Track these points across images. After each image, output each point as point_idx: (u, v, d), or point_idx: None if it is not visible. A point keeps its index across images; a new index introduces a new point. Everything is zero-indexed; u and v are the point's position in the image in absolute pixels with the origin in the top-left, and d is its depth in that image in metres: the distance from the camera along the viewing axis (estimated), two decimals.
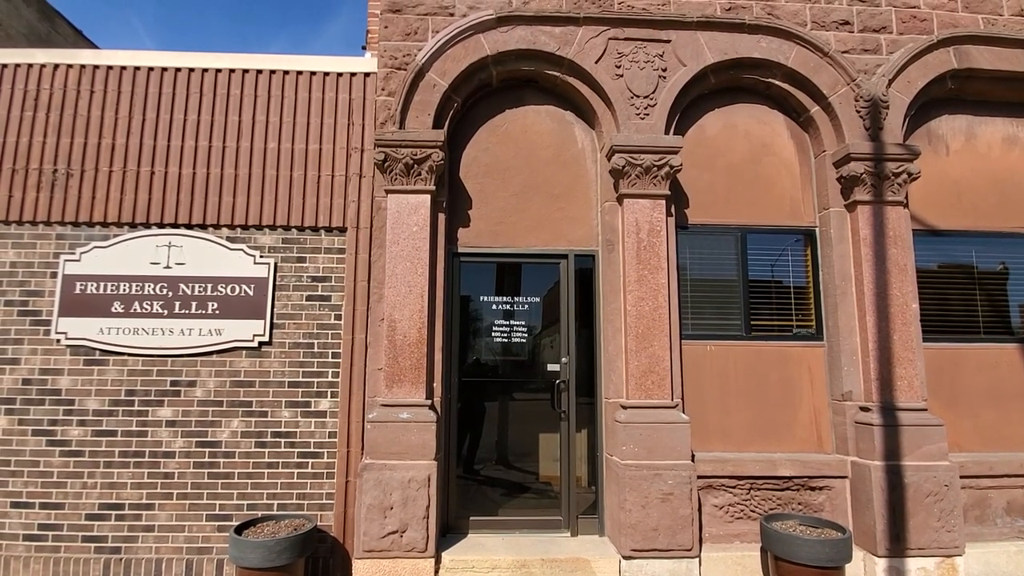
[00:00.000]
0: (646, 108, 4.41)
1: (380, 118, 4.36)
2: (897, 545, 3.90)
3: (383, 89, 4.39)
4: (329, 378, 4.26)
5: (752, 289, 4.59)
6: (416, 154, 4.18)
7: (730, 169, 4.68)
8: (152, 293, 4.26)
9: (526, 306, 4.61)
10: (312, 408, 4.23)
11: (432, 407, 4.08)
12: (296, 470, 4.16)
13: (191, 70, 4.53)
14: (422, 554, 3.81)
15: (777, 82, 4.61)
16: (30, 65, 4.50)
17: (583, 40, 4.45)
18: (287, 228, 4.41)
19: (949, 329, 4.62)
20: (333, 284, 4.37)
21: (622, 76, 4.43)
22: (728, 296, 4.58)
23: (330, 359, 4.28)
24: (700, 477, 4.11)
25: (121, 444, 4.12)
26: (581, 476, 4.44)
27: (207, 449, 4.15)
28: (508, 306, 4.61)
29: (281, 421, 4.21)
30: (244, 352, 4.26)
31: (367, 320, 4.28)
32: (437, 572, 3.85)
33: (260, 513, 4.04)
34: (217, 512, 4.09)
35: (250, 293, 4.29)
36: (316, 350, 4.29)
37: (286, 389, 4.24)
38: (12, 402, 4.13)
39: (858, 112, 4.47)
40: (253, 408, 4.21)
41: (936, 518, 3.92)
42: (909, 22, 4.66)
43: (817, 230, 4.66)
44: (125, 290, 4.25)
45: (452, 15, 4.47)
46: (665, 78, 4.45)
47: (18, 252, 4.28)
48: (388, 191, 4.27)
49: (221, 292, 4.29)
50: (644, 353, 4.14)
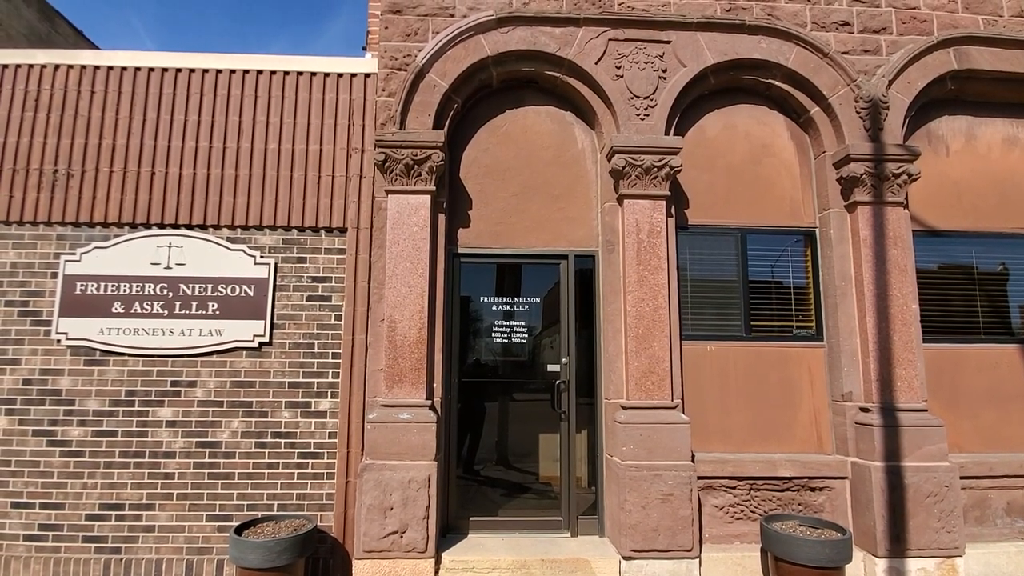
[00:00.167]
0: (646, 109, 4.41)
1: (380, 119, 4.36)
2: (897, 546, 3.90)
3: (383, 90, 4.40)
4: (329, 378, 4.27)
5: (752, 290, 4.59)
6: (416, 155, 4.18)
7: (730, 170, 4.68)
8: (152, 293, 4.26)
9: (526, 307, 4.61)
10: (312, 408, 4.23)
11: (432, 407, 4.08)
12: (296, 470, 4.17)
13: (191, 71, 4.54)
14: (422, 554, 3.81)
15: (777, 83, 4.62)
16: (30, 66, 4.50)
17: (583, 41, 4.45)
18: (287, 228, 4.42)
19: (949, 330, 4.62)
20: (333, 284, 4.38)
21: (622, 77, 4.44)
22: (728, 297, 4.59)
23: (330, 359, 4.28)
24: (700, 478, 4.11)
25: (121, 444, 4.13)
26: (581, 476, 4.45)
27: (207, 449, 4.15)
28: (508, 307, 4.61)
29: (281, 421, 4.21)
30: (244, 352, 4.26)
31: (367, 320, 4.29)
32: (437, 572, 3.85)
33: (260, 513, 4.04)
34: (217, 512, 4.10)
35: (250, 293, 4.30)
36: (316, 350, 4.29)
37: (286, 389, 4.24)
38: (12, 402, 4.14)
39: (858, 113, 4.47)
40: (253, 408, 4.21)
41: (936, 519, 3.92)
42: (909, 23, 4.66)
43: (817, 231, 4.66)
44: (125, 290, 4.25)
45: (452, 16, 4.47)
46: (665, 79, 4.46)
47: (19, 252, 4.29)
48: (388, 192, 4.27)
49: (221, 292, 4.29)
50: (644, 354, 4.15)
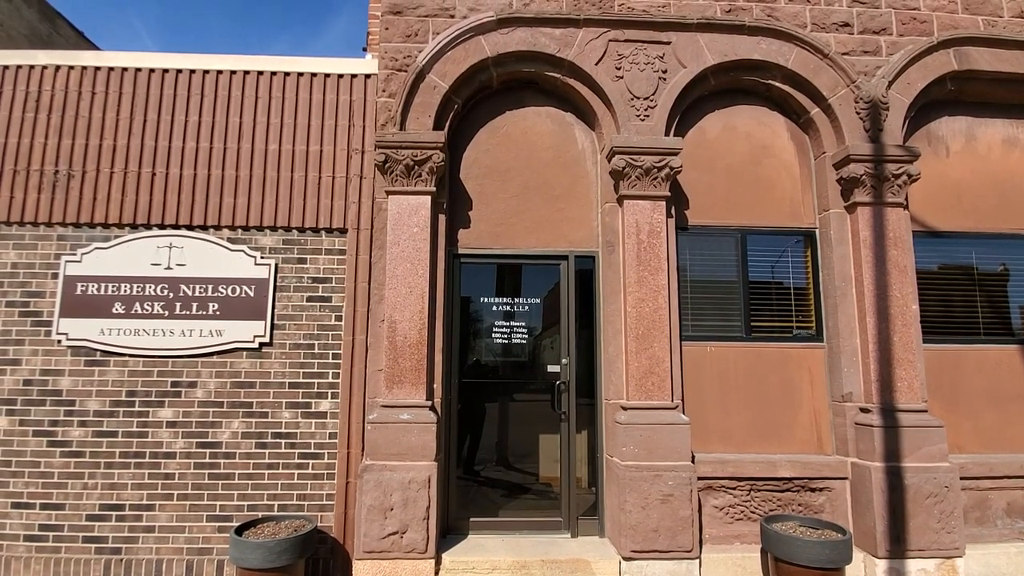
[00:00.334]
0: (646, 110, 4.42)
1: (381, 120, 4.36)
2: (897, 546, 3.90)
3: (384, 91, 4.40)
4: (329, 379, 4.27)
5: (752, 290, 4.60)
6: (416, 155, 4.18)
7: (730, 170, 4.69)
8: (153, 294, 4.26)
9: (526, 307, 4.61)
10: (312, 409, 4.24)
11: (432, 408, 4.08)
12: (296, 471, 4.17)
13: (192, 72, 4.55)
14: (422, 555, 3.81)
15: (777, 84, 4.62)
16: (31, 67, 4.51)
17: (583, 42, 4.46)
18: (288, 229, 4.42)
19: (949, 330, 4.62)
20: (334, 285, 4.38)
21: (622, 78, 4.44)
22: (728, 297, 4.59)
23: (330, 360, 4.29)
24: (700, 478, 4.11)
25: (122, 445, 4.13)
26: (581, 477, 4.45)
27: (208, 450, 4.15)
28: (508, 307, 4.61)
29: (281, 422, 4.21)
30: (245, 353, 4.26)
31: (367, 321, 4.29)
32: (437, 573, 3.85)
33: (260, 514, 4.04)
34: (217, 513, 4.10)
35: (251, 294, 4.30)
36: (316, 351, 4.30)
37: (287, 390, 4.24)
38: (13, 403, 4.14)
39: (858, 114, 4.47)
40: (254, 409, 4.21)
41: (936, 519, 3.92)
42: (909, 24, 4.66)
43: (817, 231, 4.66)
44: (126, 291, 4.25)
45: (452, 17, 4.48)
46: (665, 80, 4.46)
47: (19, 253, 4.29)
48: (388, 192, 4.27)
49: (222, 293, 4.29)
50: (644, 354, 4.15)
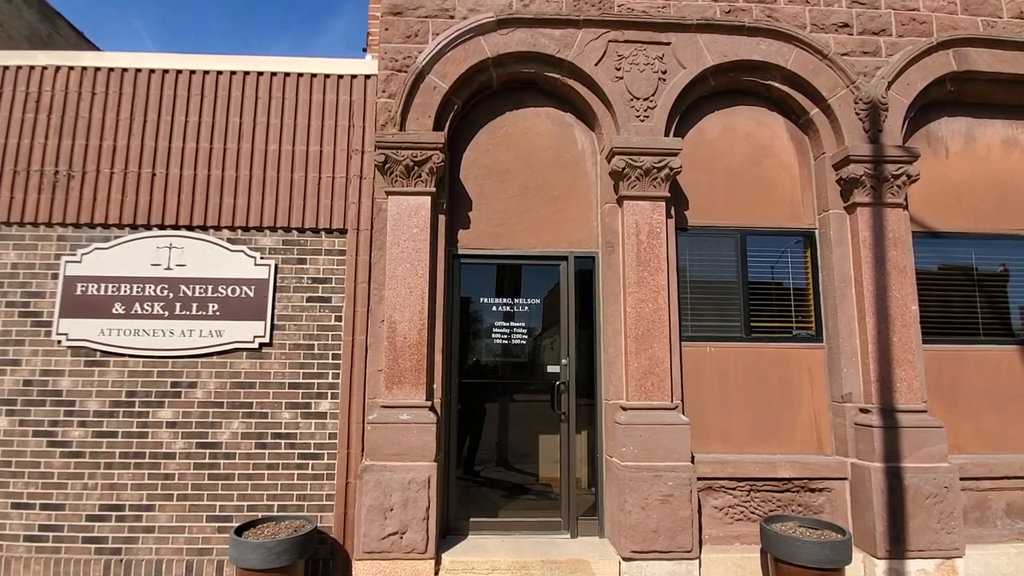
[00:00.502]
0: (646, 110, 4.42)
1: (380, 120, 4.37)
2: (897, 547, 3.90)
3: (383, 91, 4.40)
4: (329, 379, 4.27)
5: (752, 291, 4.60)
6: (416, 156, 4.19)
7: (730, 171, 4.69)
8: (153, 294, 4.26)
9: (526, 308, 4.61)
10: (312, 409, 4.24)
11: (432, 408, 4.08)
12: (296, 471, 4.17)
13: (192, 72, 4.55)
14: (422, 555, 3.81)
15: (777, 84, 4.62)
16: (31, 67, 4.51)
17: (583, 42, 4.46)
18: (288, 230, 4.42)
19: (949, 331, 4.62)
20: (333, 286, 4.38)
21: (622, 78, 4.44)
22: (728, 298, 4.59)
23: (330, 360, 4.29)
24: (700, 479, 4.11)
25: (122, 445, 4.13)
26: (581, 478, 4.45)
27: (207, 450, 4.15)
28: (508, 308, 4.61)
29: (281, 422, 4.21)
30: (244, 353, 4.26)
31: (367, 321, 4.29)
32: (437, 573, 3.85)
33: (260, 514, 4.04)
34: (217, 513, 4.10)
35: (251, 294, 4.30)
36: (316, 351, 4.30)
37: (286, 390, 4.24)
38: (13, 403, 4.14)
39: (857, 114, 4.48)
40: (253, 409, 4.21)
41: (936, 520, 3.92)
42: (908, 24, 4.67)
43: (817, 232, 4.67)
44: (126, 291, 4.25)
45: (452, 18, 4.48)
46: (665, 80, 4.46)
47: (19, 254, 4.29)
48: (388, 193, 4.28)
49: (222, 293, 4.29)
50: (644, 355, 4.15)
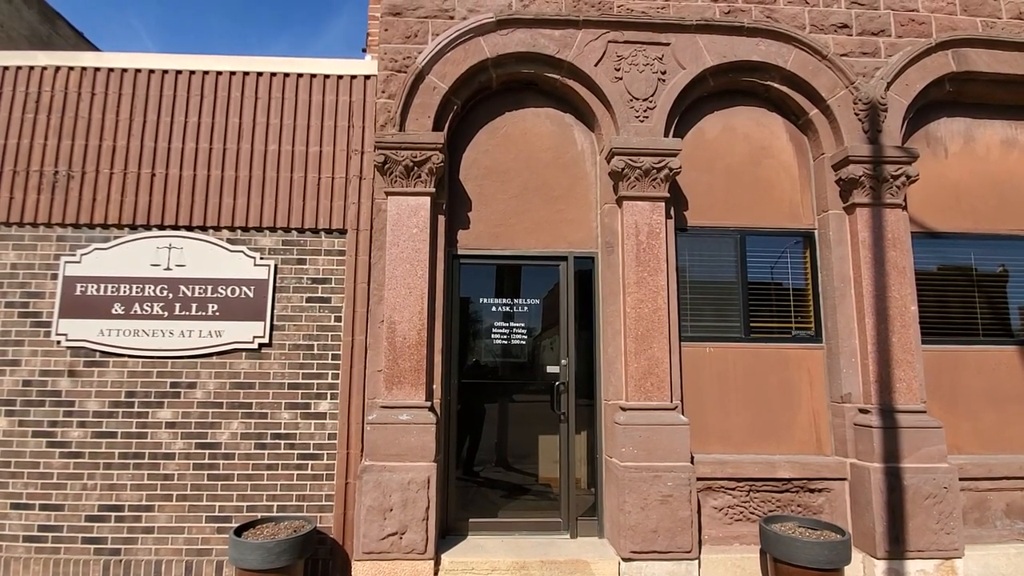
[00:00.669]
0: (645, 111, 4.42)
1: (380, 120, 4.37)
2: (896, 547, 3.90)
3: (383, 91, 4.41)
4: (329, 380, 4.27)
5: (751, 291, 4.60)
6: (416, 156, 4.19)
7: (729, 171, 4.69)
8: (152, 295, 4.26)
9: (525, 308, 4.62)
10: (312, 410, 4.24)
11: (432, 409, 4.08)
12: (296, 472, 4.17)
13: (192, 73, 4.55)
14: (421, 556, 3.81)
15: (776, 85, 4.63)
16: (31, 67, 4.51)
17: (582, 43, 4.46)
18: (287, 230, 4.42)
19: (948, 331, 4.63)
20: (333, 286, 4.38)
21: (621, 79, 4.45)
22: (727, 298, 4.59)
23: (330, 361, 4.29)
24: (699, 479, 4.11)
25: (121, 446, 4.13)
26: (580, 478, 4.45)
27: (207, 451, 4.15)
28: (508, 308, 4.61)
29: (281, 423, 4.21)
30: (244, 354, 4.26)
31: (367, 322, 4.29)
32: (436, 573, 3.85)
33: (260, 515, 4.04)
34: (217, 514, 4.10)
35: (250, 295, 4.30)
36: (316, 352, 4.30)
37: (286, 391, 4.24)
38: (12, 404, 4.14)
39: (857, 115, 4.48)
40: (253, 410, 4.21)
41: (935, 520, 3.93)
42: (907, 25, 4.67)
43: (816, 232, 4.67)
44: (125, 292, 4.25)
45: (452, 18, 4.48)
46: (664, 81, 4.47)
47: (19, 254, 4.29)
48: (388, 193, 4.28)
49: (221, 294, 4.29)
50: (643, 355, 4.15)
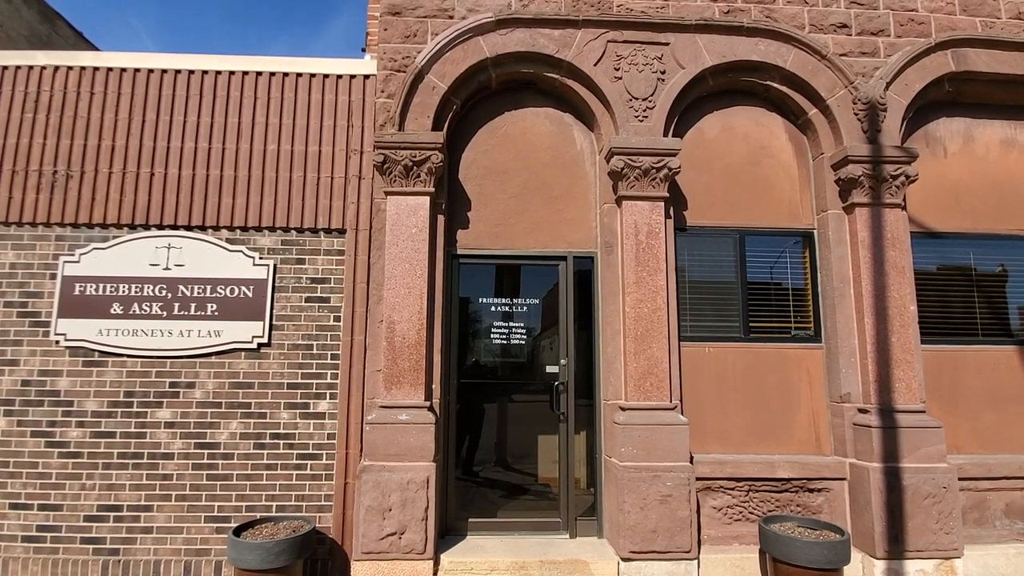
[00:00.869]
0: (645, 110, 4.42)
1: (379, 120, 4.37)
2: (896, 547, 3.90)
3: (382, 91, 4.40)
4: (328, 380, 4.27)
5: (751, 291, 4.60)
6: (415, 156, 4.19)
7: (729, 171, 4.69)
8: (151, 294, 4.26)
9: (525, 308, 4.61)
10: (311, 410, 4.23)
11: (431, 409, 4.08)
12: (295, 472, 4.16)
13: (191, 72, 4.55)
14: (421, 556, 3.81)
15: (775, 85, 4.63)
16: (31, 67, 4.51)
17: (582, 43, 4.46)
18: (286, 230, 4.42)
19: (948, 331, 4.63)
20: (332, 286, 4.38)
21: (621, 79, 4.45)
22: (727, 298, 4.59)
23: (329, 361, 4.28)
24: (699, 479, 4.11)
25: (120, 446, 4.12)
26: (580, 478, 4.44)
27: (206, 451, 4.15)
28: (507, 308, 4.61)
29: (280, 423, 4.21)
30: (243, 353, 4.26)
31: (366, 322, 4.29)
32: (436, 573, 3.84)
33: (259, 515, 4.04)
34: (216, 514, 4.09)
35: (249, 295, 4.30)
36: (315, 352, 4.29)
37: (285, 391, 4.24)
38: (11, 403, 4.13)
39: (856, 115, 4.48)
40: (252, 410, 4.21)
41: (935, 520, 3.92)
42: (907, 25, 4.67)
43: (815, 232, 4.67)
44: (124, 291, 4.25)
45: (451, 18, 4.48)
46: (664, 80, 4.47)
47: (17, 254, 4.29)
48: (387, 193, 4.27)
49: (220, 293, 4.29)
50: (643, 355, 4.15)
